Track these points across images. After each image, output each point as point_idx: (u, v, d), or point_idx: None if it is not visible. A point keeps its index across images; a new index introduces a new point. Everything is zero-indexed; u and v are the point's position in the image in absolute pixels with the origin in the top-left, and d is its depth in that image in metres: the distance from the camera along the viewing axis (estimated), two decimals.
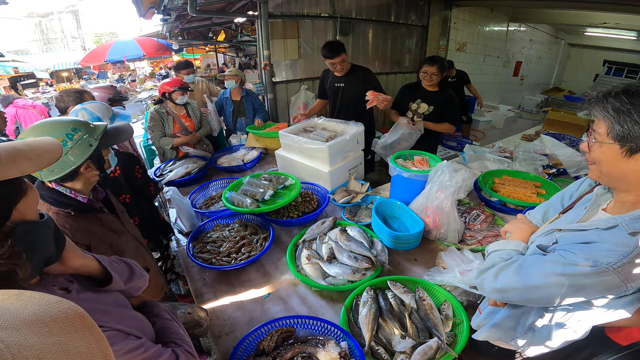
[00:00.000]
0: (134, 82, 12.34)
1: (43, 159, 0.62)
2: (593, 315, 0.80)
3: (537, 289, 0.78)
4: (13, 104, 4.32)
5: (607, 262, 0.68)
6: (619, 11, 4.75)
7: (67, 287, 0.70)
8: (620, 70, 8.45)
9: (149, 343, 0.71)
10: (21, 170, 0.58)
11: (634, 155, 0.70)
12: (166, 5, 4.33)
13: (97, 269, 0.79)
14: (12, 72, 9.95)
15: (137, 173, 1.67)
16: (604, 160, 0.76)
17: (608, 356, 0.91)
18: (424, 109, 2.59)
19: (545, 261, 0.79)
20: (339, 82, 2.76)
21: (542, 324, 0.89)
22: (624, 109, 0.69)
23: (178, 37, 8.32)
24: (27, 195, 0.62)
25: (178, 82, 2.72)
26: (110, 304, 0.75)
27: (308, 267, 1.44)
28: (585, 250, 0.73)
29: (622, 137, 0.70)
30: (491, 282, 0.87)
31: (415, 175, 1.75)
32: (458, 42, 5.86)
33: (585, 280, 0.71)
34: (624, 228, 0.70)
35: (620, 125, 0.69)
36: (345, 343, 1.08)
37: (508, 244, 0.97)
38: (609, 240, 0.71)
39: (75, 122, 1.06)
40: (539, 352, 0.94)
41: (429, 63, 2.46)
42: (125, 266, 0.89)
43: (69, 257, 0.72)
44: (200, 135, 2.86)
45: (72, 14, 27.78)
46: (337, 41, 2.66)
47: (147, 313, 0.87)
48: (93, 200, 1.16)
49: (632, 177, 0.73)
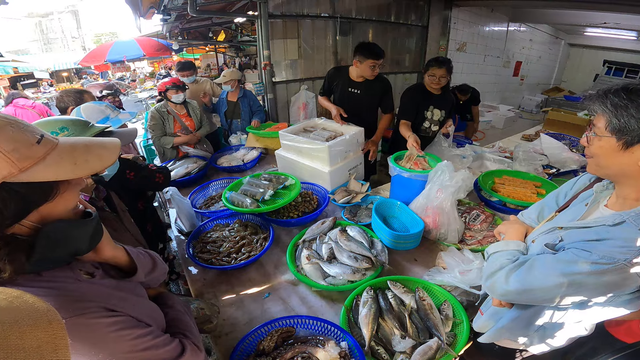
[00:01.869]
0: (134, 82, 12.34)
1: (89, 166, 0.61)
2: (603, 311, 0.81)
3: (552, 288, 0.77)
4: (13, 104, 4.33)
5: (625, 259, 0.68)
6: (619, 11, 4.75)
7: (92, 272, 0.72)
8: (620, 70, 8.46)
9: (157, 332, 0.73)
10: (56, 174, 0.57)
11: (630, 149, 0.72)
12: (166, 5, 4.33)
13: (125, 260, 0.81)
14: (12, 72, 9.96)
15: (128, 176, 1.65)
16: (601, 153, 0.78)
17: (609, 356, 0.91)
18: (437, 116, 2.45)
19: (559, 260, 0.78)
20: (354, 88, 2.50)
21: (552, 322, 0.89)
22: (621, 103, 0.72)
23: (178, 37, 8.32)
24: (56, 199, 0.60)
25: (171, 81, 2.71)
26: (128, 292, 0.76)
27: (308, 267, 1.44)
28: (599, 247, 0.72)
29: (619, 130, 0.72)
30: (503, 285, 0.86)
31: (415, 175, 1.75)
32: (458, 42, 5.86)
33: (602, 278, 0.71)
34: (633, 224, 0.71)
35: (617, 119, 0.72)
36: (345, 343, 1.08)
37: (509, 245, 0.96)
38: (620, 237, 0.72)
39: (65, 122, 1.06)
40: (545, 349, 0.94)
41: (437, 65, 2.27)
42: (149, 259, 0.91)
43: (103, 248, 0.75)
44: (200, 134, 2.86)
45: (72, 14, 27.79)
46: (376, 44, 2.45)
47: (162, 304, 0.89)
48: (95, 198, 1.17)
49: (628, 170, 0.75)
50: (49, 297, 0.58)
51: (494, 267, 0.91)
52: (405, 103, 2.46)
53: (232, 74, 3.33)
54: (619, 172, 0.77)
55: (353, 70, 2.50)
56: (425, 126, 2.50)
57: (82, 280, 0.67)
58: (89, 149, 0.63)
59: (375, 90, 2.51)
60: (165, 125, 2.73)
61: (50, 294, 0.59)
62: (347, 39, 4.61)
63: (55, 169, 0.56)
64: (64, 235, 0.62)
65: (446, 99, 2.48)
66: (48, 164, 0.56)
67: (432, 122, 2.49)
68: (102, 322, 0.62)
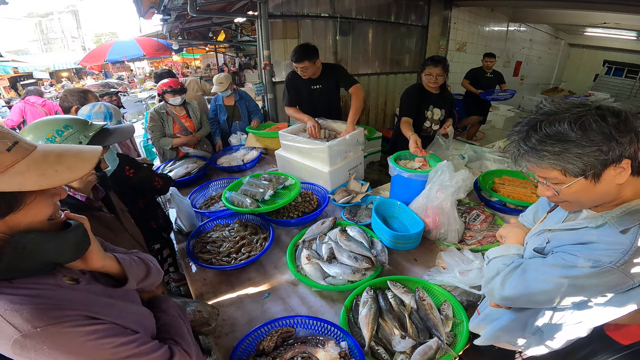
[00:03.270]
0: (134, 82, 12.34)
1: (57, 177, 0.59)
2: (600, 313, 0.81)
3: (542, 293, 0.79)
4: (24, 100, 4.36)
5: (610, 262, 0.68)
6: (619, 11, 4.75)
7: (78, 278, 0.71)
8: (620, 70, 8.47)
9: (145, 338, 0.72)
10: (20, 185, 0.54)
11: (601, 178, 0.70)
12: (166, 5, 4.33)
13: (117, 269, 0.80)
14: (12, 72, 9.94)
15: (128, 173, 1.66)
16: (578, 196, 0.75)
17: (608, 356, 0.91)
18: (438, 115, 2.48)
19: (547, 265, 0.79)
20: (315, 84, 2.58)
21: (550, 324, 0.89)
22: (557, 149, 0.69)
23: (178, 37, 8.32)
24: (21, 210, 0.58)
25: (168, 84, 2.67)
26: (116, 297, 0.75)
27: (308, 267, 1.44)
28: (584, 251, 0.73)
29: (581, 171, 0.70)
30: (500, 291, 0.87)
31: (415, 175, 1.75)
32: (458, 42, 5.86)
33: (589, 280, 0.72)
34: (615, 225, 0.71)
35: (571, 164, 0.69)
36: (345, 343, 1.08)
37: (509, 249, 0.97)
38: (604, 239, 0.72)
39: (69, 120, 1.07)
40: (543, 351, 0.94)
41: (433, 64, 2.30)
42: (143, 266, 0.90)
43: (91, 258, 0.73)
44: (200, 135, 2.85)
45: (72, 14, 27.78)
46: (308, 44, 2.44)
47: (155, 308, 0.88)
48: (92, 199, 1.17)
49: (610, 192, 0.73)
50: (23, 305, 0.56)
51: (491, 273, 0.92)
52: (405, 102, 2.48)
53: (228, 78, 3.23)
54: (604, 197, 0.75)
55: None
56: (426, 125, 2.52)
57: (63, 287, 0.65)
58: (61, 159, 0.60)
59: (329, 76, 2.57)
60: (164, 126, 2.73)
61: (24, 302, 0.57)
62: (347, 39, 4.61)
63: (20, 180, 0.54)
64: (33, 246, 0.59)
65: (445, 98, 2.50)
66: (13, 173, 0.54)
67: (433, 121, 2.50)
68: (79, 331, 0.60)
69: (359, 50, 4.84)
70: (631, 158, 0.68)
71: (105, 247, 0.82)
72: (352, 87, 2.46)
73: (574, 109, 0.70)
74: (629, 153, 0.67)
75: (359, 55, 4.85)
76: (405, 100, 2.49)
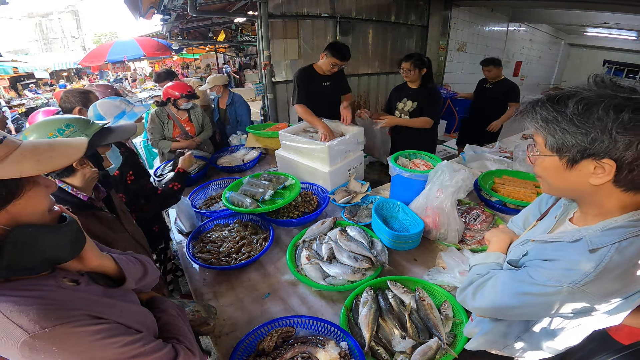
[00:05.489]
0: (134, 82, 12.33)
1: (53, 162, 0.61)
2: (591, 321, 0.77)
3: (508, 309, 0.77)
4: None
5: (570, 282, 0.65)
6: (619, 11, 4.75)
7: (77, 279, 0.71)
8: (620, 70, 8.47)
9: (149, 338, 0.72)
10: (20, 171, 0.57)
11: (575, 166, 0.65)
12: (166, 5, 4.33)
13: (114, 269, 0.80)
14: (12, 72, 9.94)
15: (128, 177, 1.65)
16: (547, 174, 0.72)
17: (608, 356, 0.90)
18: (409, 107, 2.63)
19: (515, 279, 0.76)
20: (326, 81, 2.60)
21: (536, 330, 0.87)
22: (550, 117, 0.66)
23: (178, 37, 8.33)
24: (23, 197, 0.60)
25: (185, 89, 2.65)
26: (116, 298, 0.75)
27: (308, 267, 1.44)
28: (548, 267, 0.70)
29: (558, 148, 0.66)
30: (471, 302, 0.86)
31: (415, 175, 1.75)
32: (458, 42, 5.87)
33: (552, 298, 0.69)
34: (587, 243, 0.66)
35: (552, 135, 0.66)
36: (345, 343, 1.08)
37: (488, 257, 0.94)
38: (568, 257, 0.68)
39: (71, 119, 1.07)
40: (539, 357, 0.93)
41: (405, 59, 2.51)
42: (140, 266, 0.90)
43: (87, 257, 0.74)
44: (200, 140, 2.82)
45: (72, 14, 27.78)
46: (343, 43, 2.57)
47: (154, 308, 0.88)
48: (94, 199, 1.17)
49: (580, 188, 0.68)
50: (28, 307, 0.57)
51: (466, 282, 0.90)
52: (388, 99, 2.86)
53: (216, 80, 3.15)
54: (572, 190, 0.71)
55: (321, 65, 2.56)
56: (396, 115, 2.71)
57: (65, 288, 0.66)
58: (52, 147, 0.63)
59: (339, 76, 2.69)
60: (164, 129, 2.71)
61: (29, 303, 0.57)
62: (347, 39, 4.61)
63: (18, 166, 0.57)
64: (33, 240, 0.60)
65: (423, 94, 2.57)
66: (10, 162, 0.56)
67: (402, 112, 2.67)
68: (87, 330, 0.61)
69: (359, 50, 4.84)
70: (618, 162, 0.60)
71: (101, 248, 0.82)
72: (348, 94, 2.75)
73: (614, 99, 0.60)
74: (617, 155, 0.60)
75: (359, 55, 4.86)
76: (388, 98, 2.85)
